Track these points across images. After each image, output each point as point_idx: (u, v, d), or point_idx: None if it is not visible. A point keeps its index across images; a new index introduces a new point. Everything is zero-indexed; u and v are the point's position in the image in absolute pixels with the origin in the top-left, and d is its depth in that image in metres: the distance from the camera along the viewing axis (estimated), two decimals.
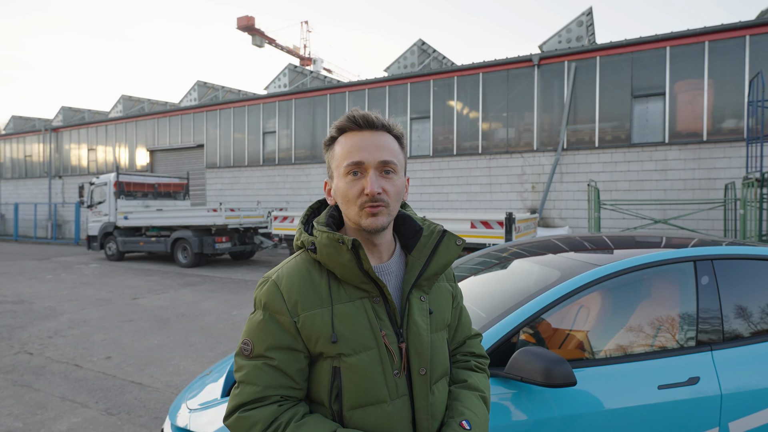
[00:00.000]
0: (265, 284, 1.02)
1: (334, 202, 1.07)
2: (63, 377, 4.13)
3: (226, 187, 16.90)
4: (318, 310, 0.98)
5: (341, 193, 1.01)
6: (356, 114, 1.01)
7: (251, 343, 0.99)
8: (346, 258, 0.97)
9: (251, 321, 1.01)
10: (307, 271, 1.01)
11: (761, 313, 1.94)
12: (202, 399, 2.10)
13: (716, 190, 9.92)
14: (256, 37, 42.74)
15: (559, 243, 2.61)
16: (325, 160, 1.07)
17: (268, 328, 0.98)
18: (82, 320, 6.19)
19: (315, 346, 0.98)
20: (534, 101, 11.79)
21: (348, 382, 0.97)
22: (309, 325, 0.97)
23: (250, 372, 0.97)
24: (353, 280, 1.00)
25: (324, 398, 0.99)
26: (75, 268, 11.45)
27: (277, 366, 0.97)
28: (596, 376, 1.72)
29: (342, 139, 1.03)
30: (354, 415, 0.97)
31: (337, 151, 1.02)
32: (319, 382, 1.00)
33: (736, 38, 9.85)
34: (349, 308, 0.99)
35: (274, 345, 0.97)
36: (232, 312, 6.69)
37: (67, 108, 22.82)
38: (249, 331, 1.01)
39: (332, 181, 1.05)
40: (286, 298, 0.98)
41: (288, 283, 1.00)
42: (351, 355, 0.97)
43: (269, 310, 0.99)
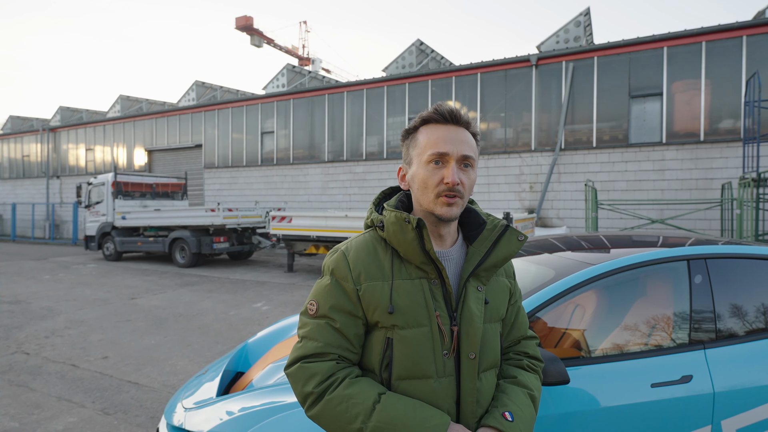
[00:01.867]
0: (335, 253, 1.12)
1: (407, 187, 1.14)
2: (59, 377, 4.13)
3: (224, 187, 16.89)
4: (379, 282, 1.06)
5: (420, 179, 1.07)
6: (444, 108, 1.08)
7: (317, 303, 1.08)
8: (411, 237, 1.04)
9: (319, 285, 1.11)
10: (373, 246, 1.10)
11: (754, 312, 1.95)
12: (198, 398, 2.11)
13: (713, 190, 9.95)
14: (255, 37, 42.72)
15: (556, 242, 2.62)
16: (403, 148, 1.15)
17: (334, 292, 1.07)
18: (80, 320, 6.18)
19: (372, 315, 1.06)
20: (532, 101, 11.81)
21: (399, 353, 1.04)
22: (369, 295, 1.05)
23: (313, 329, 1.06)
24: (415, 259, 1.06)
25: (375, 366, 1.06)
26: (73, 268, 11.43)
27: (339, 328, 1.05)
28: (590, 375, 1.73)
29: (426, 129, 1.09)
30: (401, 385, 1.04)
31: (421, 140, 1.08)
32: (372, 350, 1.07)
33: (733, 38, 9.88)
34: (408, 285, 1.06)
35: (337, 307, 1.06)
36: (229, 312, 6.69)
37: (65, 108, 22.78)
38: (315, 293, 1.10)
39: (409, 167, 1.12)
40: (351, 267, 1.07)
41: (355, 255, 1.09)
42: (404, 329, 1.04)
43: (335, 276, 1.08)
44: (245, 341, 2.80)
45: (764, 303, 1.98)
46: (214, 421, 1.82)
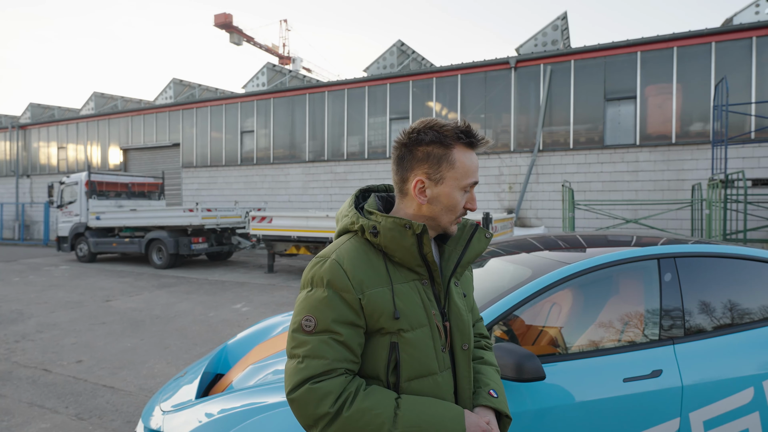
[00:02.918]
0: (323, 263, 1.06)
1: (424, 202, 1.10)
2: (31, 382, 4.01)
3: (202, 187, 16.62)
4: (380, 289, 1.05)
5: (451, 202, 1.10)
6: (479, 134, 1.10)
7: (314, 318, 1.02)
8: (410, 242, 1.07)
9: (311, 298, 1.04)
10: (365, 252, 1.08)
11: (720, 309, 2.04)
12: (177, 401, 2.08)
13: (684, 190, 10.28)
14: (234, 35, 42.14)
15: (534, 242, 2.68)
16: (423, 158, 1.08)
17: (334, 304, 1.02)
18: (52, 323, 6.01)
19: (376, 322, 1.04)
20: (511, 103, 11.98)
21: (406, 355, 1.05)
22: (373, 302, 1.04)
23: (316, 346, 1.01)
24: (410, 262, 1.09)
25: (381, 371, 1.05)
26: (44, 269, 11.09)
27: (344, 341, 1.02)
28: (566, 371, 1.78)
29: (461, 151, 1.09)
30: (411, 386, 1.05)
31: (459, 164, 1.08)
32: (375, 357, 1.06)
33: (702, 44, 10.23)
34: (405, 288, 1.08)
35: (339, 320, 1.02)
36: (209, 313, 6.59)
37: (35, 104, 22.06)
38: (310, 308, 1.03)
39: (436, 185, 1.09)
40: (350, 276, 1.03)
41: (350, 263, 1.05)
42: (409, 331, 1.05)
43: (333, 287, 1.03)
44: (225, 343, 2.78)
45: (730, 300, 2.07)
46: (193, 423, 1.80)
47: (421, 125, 1.08)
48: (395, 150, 1.12)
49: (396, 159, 1.12)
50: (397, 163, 1.12)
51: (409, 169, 1.09)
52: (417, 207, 1.11)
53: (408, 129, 1.10)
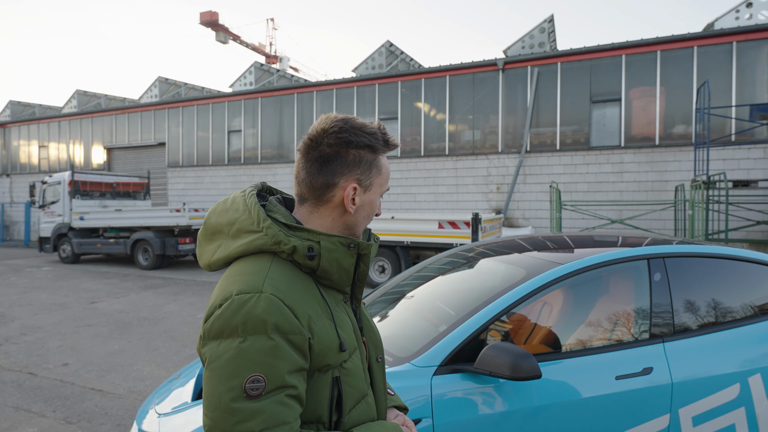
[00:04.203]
0: (255, 301, 0.83)
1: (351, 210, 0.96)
2: (16, 386, 3.93)
3: (189, 187, 16.43)
4: (324, 321, 0.90)
5: (372, 210, 1.00)
6: (395, 139, 1.00)
7: (264, 377, 0.80)
8: (350, 262, 0.95)
9: (250, 351, 0.80)
10: (297, 278, 0.90)
11: (707, 307, 2.10)
12: (172, 403, 2.07)
13: (668, 191, 10.49)
14: (220, 33, 41.75)
15: (524, 243, 2.71)
16: (355, 162, 0.94)
17: (283, 354, 0.82)
18: (36, 326, 5.89)
19: (322, 360, 0.88)
20: (499, 104, 12.09)
21: (347, 387, 0.93)
22: (322, 339, 0.88)
23: (274, 412, 0.80)
24: (344, 284, 0.97)
25: (323, 412, 0.90)
26: (26, 271, 10.85)
27: (298, 394, 0.84)
28: (559, 369, 1.81)
29: (384, 159, 1.00)
30: (351, 417, 0.94)
31: (384, 171, 0.99)
32: (318, 398, 0.90)
33: (685, 48, 10.45)
34: (339, 312, 0.95)
35: (293, 370, 0.83)
36: (197, 315, 6.53)
37: (15, 102, 21.55)
38: (253, 365, 0.80)
39: (365, 192, 0.96)
40: (298, 314, 0.85)
41: (290, 295, 0.86)
42: (348, 360, 0.94)
43: (280, 330, 0.82)
44: None
45: (717, 299, 2.13)
46: (189, 425, 1.79)
47: (345, 125, 0.93)
48: (313, 148, 0.93)
49: (317, 160, 0.93)
50: (319, 165, 0.93)
51: (338, 173, 0.93)
52: (338, 215, 0.96)
53: (331, 127, 0.92)
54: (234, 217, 0.95)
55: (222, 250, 0.95)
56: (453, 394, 1.67)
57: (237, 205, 0.97)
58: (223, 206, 0.99)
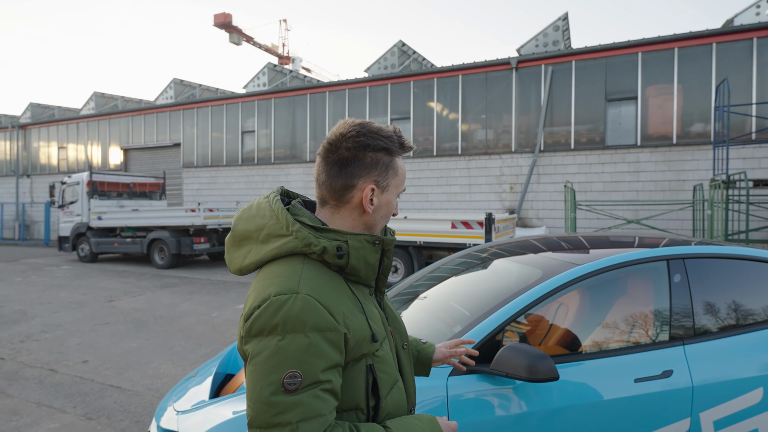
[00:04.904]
0: (292, 302, 0.88)
1: (370, 209, 1.01)
2: (38, 382, 4.02)
3: (203, 187, 16.62)
4: (357, 315, 0.96)
5: (390, 209, 1.05)
6: (410, 142, 1.04)
7: (300, 373, 0.85)
8: (375, 258, 1.01)
9: (288, 349, 0.86)
10: (329, 277, 0.96)
11: (728, 309, 2.06)
12: (190, 401, 2.10)
13: (685, 191, 10.30)
14: (234, 34, 42.13)
15: (538, 243, 2.69)
16: (372, 164, 0.99)
17: (320, 351, 0.87)
18: (56, 324, 6.02)
19: (357, 351, 0.94)
20: (512, 103, 12.00)
21: (381, 372, 1.00)
22: (356, 332, 0.94)
23: (310, 405, 0.85)
24: (369, 278, 1.03)
25: (361, 399, 0.96)
26: (46, 270, 11.09)
27: (333, 388, 0.89)
28: (577, 371, 1.79)
29: (400, 160, 1.05)
30: (388, 401, 1.01)
31: (400, 171, 1.04)
32: (354, 386, 0.95)
33: (703, 45, 10.25)
34: (368, 305, 1.02)
35: (328, 366, 0.88)
36: (212, 314, 6.61)
37: (35, 104, 22.04)
38: (291, 361, 0.86)
39: (383, 193, 1.02)
40: (333, 311, 0.90)
41: (324, 294, 0.91)
42: (380, 348, 1.00)
43: (317, 329, 0.88)
44: (234, 343, 2.79)
45: (738, 300, 2.09)
46: (208, 423, 1.82)
47: (362, 129, 0.98)
48: (332, 151, 0.99)
49: (336, 162, 0.98)
50: (338, 168, 0.98)
51: (356, 175, 0.98)
52: (357, 216, 1.01)
53: (349, 132, 0.98)
54: (262, 222, 1.00)
55: (253, 254, 0.99)
56: (469, 395, 1.67)
57: (263, 211, 1.01)
58: (249, 213, 1.03)
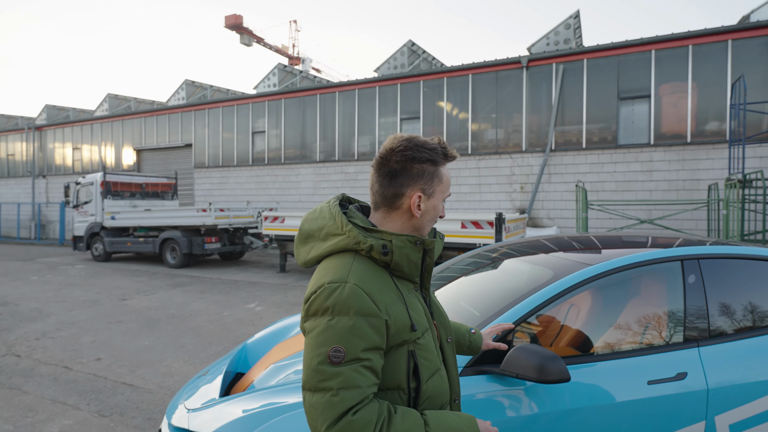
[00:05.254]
0: (342, 289, 1.03)
1: (417, 213, 1.15)
2: (52, 379, 4.09)
3: (214, 187, 16.77)
4: (398, 306, 1.09)
5: (436, 213, 1.18)
6: (454, 151, 1.19)
7: (343, 349, 1.01)
8: (418, 257, 1.14)
9: (336, 328, 1.01)
10: (374, 271, 1.10)
11: (744, 311, 2.02)
12: (201, 399, 2.11)
13: (700, 191, 10.14)
14: (245, 35, 42.45)
15: (549, 243, 2.66)
16: (419, 174, 1.13)
17: (362, 332, 1.02)
18: (70, 322, 6.11)
19: (399, 337, 1.08)
20: (522, 102, 11.92)
21: (422, 359, 1.12)
22: (396, 320, 1.08)
23: (350, 377, 1.01)
24: (413, 275, 1.16)
25: (402, 380, 1.10)
26: (61, 268, 11.27)
27: (372, 366, 1.03)
28: (589, 373, 1.77)
29: (446, 168, 1.18)
30: (429, 386, 1.13)
31: (445, 180, 1.17)
32: (396, 368, 1.10)
33: (718, 42, 10.08)
34: (411, 299, 1.15)
35: (369, 347, 1.03)
36: (222, 313, 6.66)
37: (51, 106, 22.42)
38: (336, 338, 1.01)
39: (429, 199, 1.15)
40: (376, 300, 1.05)
41: (370, 285, 1.06)
42: (421, 337, 1.13)
43: (361, 313, 1.02)
44: (244, 342, 2.81)
45: (754, 302, 2.05)
46: (217, 422, 1.83)
47: (409, 143, 1.12)
48: (383, 165, 1.13)
49: (387, 174, 1.13)
50: (389, 178, 1.13)
51: (405, 185, 1.13)
52: (407, 219, 1.15)
53: (398, 146, 1.12)
54: (322, 223, 1.16)
55: (314, 250, 1.16)
56: (480, 396, 1.66)
57: (324, 214, 1.17)
58: (313, 215, 1.20)
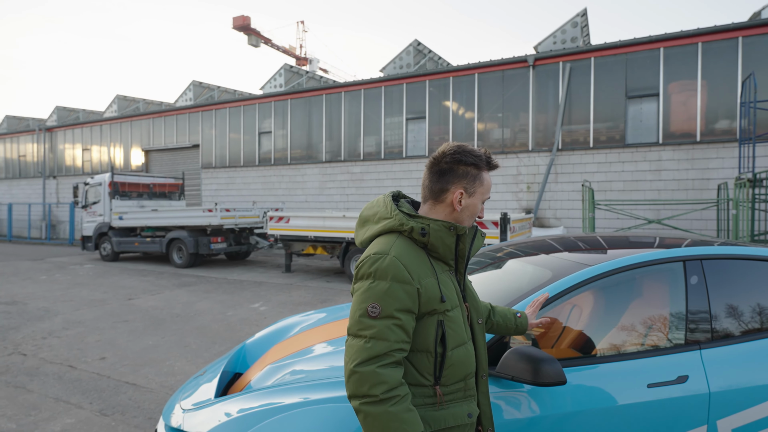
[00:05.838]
0: (383, 259, 1.26)
1: (458, 207, 1.36)
2: (57, 378, 4.12)
3: (221, 188, 16.86)
4: (430, 279, 1.30)
5: (475, 211, 1.39)
6: (497, 161, 1.40)
7: (379, 306, 1.23)
8: (451, 240, 1.34)
9: (375, 289, 1.24)
10: (413, 249, 1.31)
11: (749, 313, 1.97)
12: (196, 399, 2.11)
13: (709, 190, 9.99)
14: (252, 36, 42.65)
15: (554, 243, 2.63)
16: (463, 175, 1.34)
17: (396, 295, 1.23)
18: (77, 321, 6.17)
19: (429, 306, 1.29)
20: (529, 102, 11.83)
21: (449, 330, 1.32)
22: (427, 291, 1.28)
23: (381, 329, 1.22)
24: (447, 257, 1.36)
25: (430, 344, 1.30)
26: (69, 268, 11.39)
27: (402, 325, 1.24)
28: (587, 375, 1.74)
29: (488, 174, 1.39)
30: (454, 354, 1.32)
31: (486, 183, 1.39)
32: (426, 333, 1.30)
33: (728, 40, 9.93)
34: (444, 277, 1.35)
35: (401, 308, 1.24)
36: (227, 312, 6.68)
37: (61, 108, 22.70)
38: (376, 297, 1.24)
39: (470, 197, 1.37)
40: (410, 270, 1.26)
41: (407, 259, 1.28)
42: (450, 310, 1.33)
43: (396, 280, 1.24)
44: (243, 342, 2.80)
45: (759, 303, 2.00)
46: (212, 422, 1.82)
47: (458, 149, 1.35)
48: (435, 165, 1.36)
49: (437, 172, 1.35)
50: (438, 176, 1.35)
51: (450, 182, 1.35)
52: (449, 212, 1.36)
53: (449, 150, 1.35)
54: (377, 210, 1.41)
55: (369, 231, 1.40)
56: None
57: (379, 203, 1.42)
58: (371, 204, 1.45)
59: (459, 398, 1.33)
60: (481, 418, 1.42)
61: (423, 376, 1.29)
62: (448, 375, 1.31)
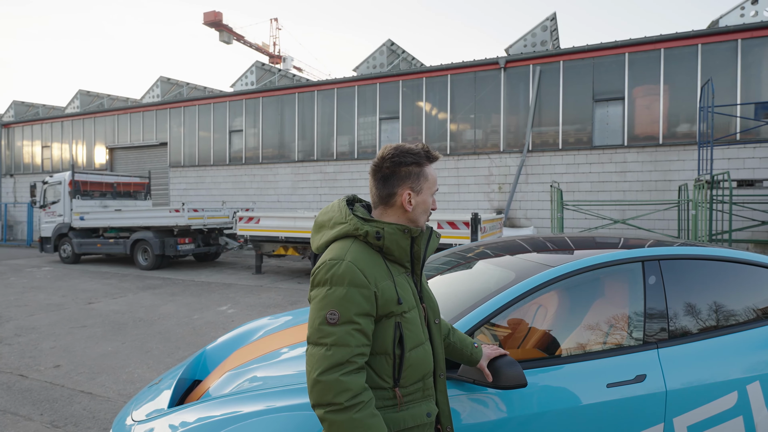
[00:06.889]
0: (339, 265, 1.26)
1: (410, 208, 1.36)
2: (5, 389, 3.89)
3: (190, 187, 16.42)
4: (387, 282, 1.30)
5: (426, 206, 1.39)
6: (436, 152, 1.41)
7: (337, 312, 1.23)
8: (406, 243, 1.35)
9: (333, 296, 1.24)
10: (369, 253, 1.32)
11: (704, 312, 2.01)
12: (149, 409, 2.01)
13: (671, 191, 10.36)
14: (224, 33, 41.79)
15: (523, 243, 2.64)
16: (407, 176, 1.35)
17: (354, 299, 1.23)
18: (30, 327, 5.86)
19: (386, 308, 1.29)
20: (501, 103, 12.00)
21: (407, 331, 1.32)
22: (384, 294, 1.28)
23: (341, 336, 1.21)
24: (403, 259, 1.36)
25: (389, 346, 1.30)
26: (26, 271, 10.86)
27: (362, 329, 1.24)
28: (548, 377, 1.74)
29: (431, 168, 1.39)
30: (412, 354, 1.32)
31: (430, 177, 1.39)
32: (384, 335, 1.30)
33: (689, 46, 10.32)
34: (400, 279, 1.35)
35: (359, 312, 1.24)
36: (193, 316, 6.49)
37: (19, 102, 21.64)
38: (333, 303, 1.23)
39: (418, 195, 1.37)
40: (367, 275, 1.26)
41: (363, 263, 1.28)
42: (408, 312, 1.33)
43: (353, 284, 1.24)
44: (204, 347, 2.70)
45: (714, 303, 2.05)
46: None
47: (396, 151, 1.35)
48: (377, 171, 1.37)
49: (381, 178, 1.36)
50: (383, 181, 1.36)
51: (396, 185, 1.35)
52: (401, 213, 1.37)
53: (387, 154, 1.35)
54: (332, 215, 1.40)
55: (324, 236, 1.39)
56: None
57: (334, 208, 1.42)
58: (326, 209, 1.45)
59: (418, 398, 1.34)
60: (440, 417, 1.42)
61: (382, 379, 1.29)
62: (406, 376, 1.31)
